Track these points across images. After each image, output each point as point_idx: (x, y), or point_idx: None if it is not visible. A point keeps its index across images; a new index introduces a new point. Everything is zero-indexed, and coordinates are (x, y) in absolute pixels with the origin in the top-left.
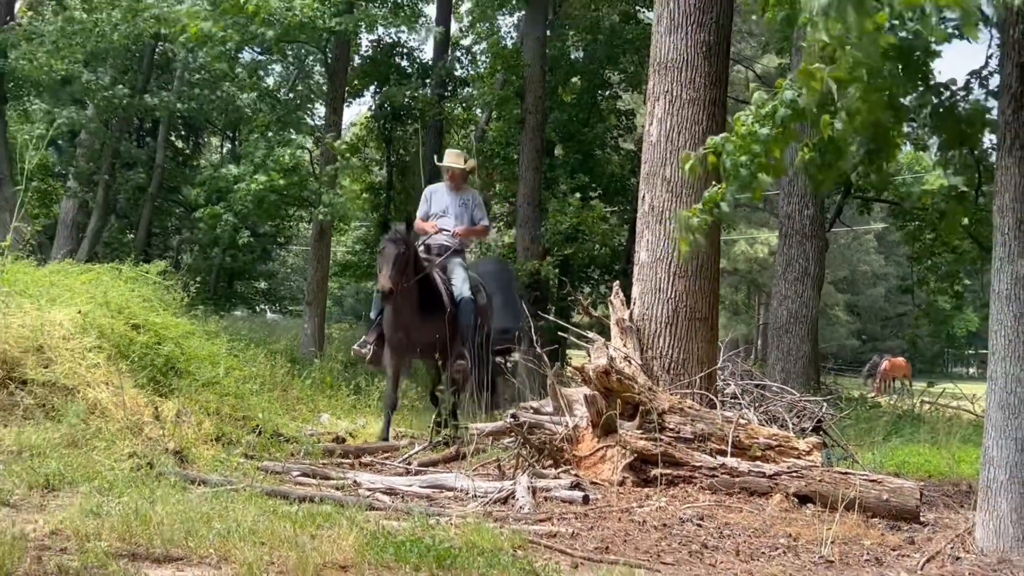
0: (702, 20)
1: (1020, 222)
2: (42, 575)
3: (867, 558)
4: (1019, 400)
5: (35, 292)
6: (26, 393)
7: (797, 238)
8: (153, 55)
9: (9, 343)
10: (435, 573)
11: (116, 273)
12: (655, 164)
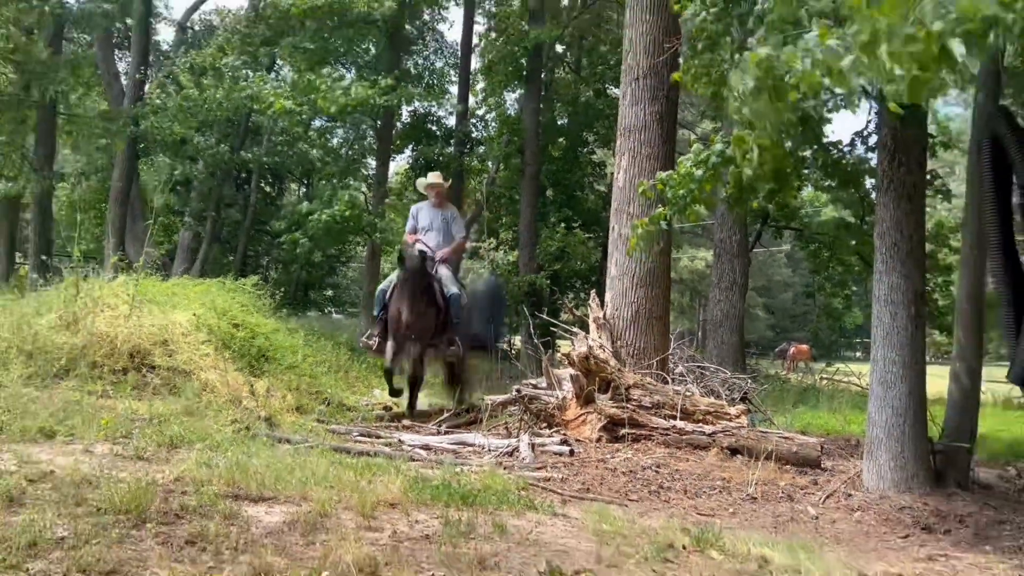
0: (656, 96)
1: (894, 244)
2: (168, 511)
3: (781, 495)
4: (893, 377)
5: (161, 300)
6: (155, 375)
7: (727, 256)
8: (247, 122)
9: (142, 338)
10: (460, 508)
11: (221, 285)
12: (621, 203)
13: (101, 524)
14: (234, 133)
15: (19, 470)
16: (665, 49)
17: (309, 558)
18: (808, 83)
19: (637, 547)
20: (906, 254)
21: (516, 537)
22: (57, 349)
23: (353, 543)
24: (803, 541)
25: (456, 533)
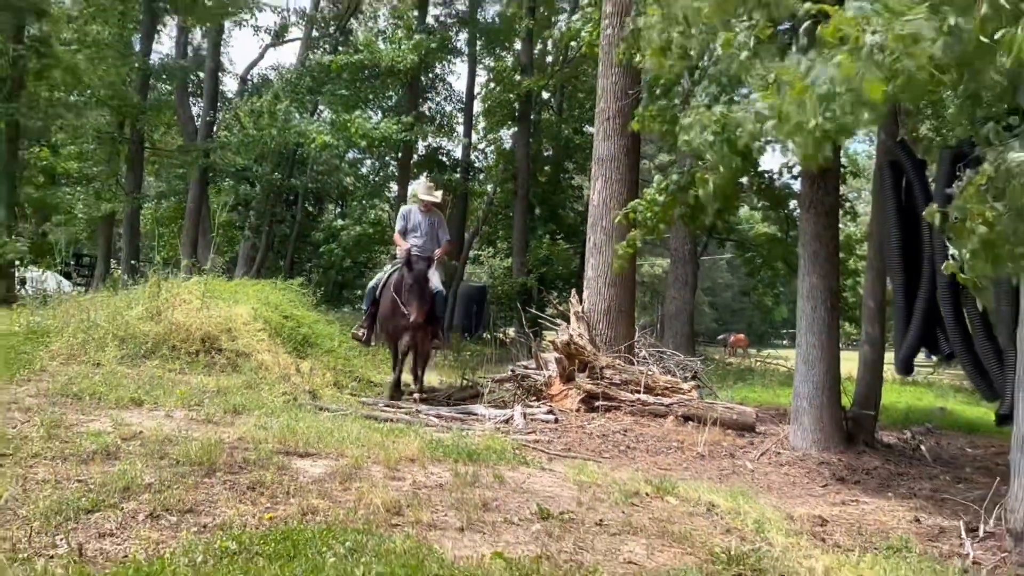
0: (623, 133)
1: (814, 252)
2: (233, 463)
3: (724, 453)
4: (814, 358)
5: (225, 297)
6: (221, 356)
7: (680, 263)
8: (295, 154)
9: (211, 326)
10: (467, 463)
11: (273, 285)
12: (596, 218)
13: (180, 473)
14: (284, 163)
15: (115, 431)
16: (629, 95)
17: (346, 501)
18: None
19: (609, 494)
20: (824, 260)
21: (512, 486)
22: (144, 335)
23: (381, 489)
24: (742, 489)
25: (464, 483)
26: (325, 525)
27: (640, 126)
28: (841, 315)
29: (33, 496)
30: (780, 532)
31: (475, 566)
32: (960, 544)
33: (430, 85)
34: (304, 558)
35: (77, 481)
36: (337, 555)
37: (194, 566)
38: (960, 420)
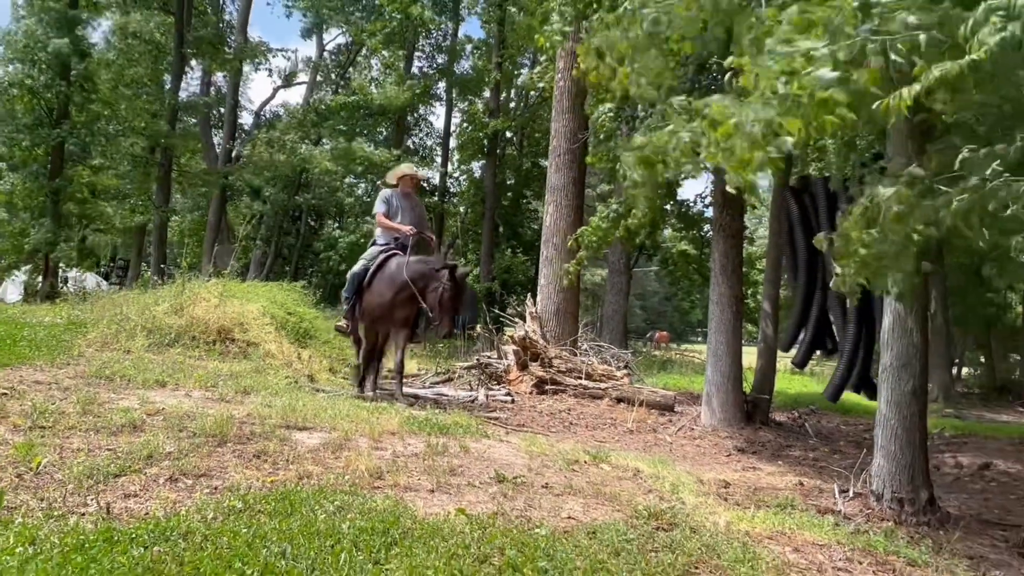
0: (572, 167)
1: (723, 266)
2: (242, 435)
3: (649, 429)
4: (721, 351)
5: (240, 295)
6: (234, 346)
7: (617, 273)
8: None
9: (226, 320)
10: (438, 436)
11: (279, 287)
12: (548, 236)
13: (196, 443)
14: (292, 184)
15: (141, 407)
16: (578, 138)
17: (336, 467)
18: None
19: (554, 461)
20: (730, 273)
21: (475, 455)
22: (168, 327)
23: (366, 458)
24: (662, 458)
25: (435, 452)
26: (318, 487)
27: (593, 161)
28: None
29: (68, 463)
30: (692, 493)
31: (442, 521)
32: (834, 502)
33: (414, 123)
34: (300, 515)
35: (107, 450)
36: (327, 512)
37: (205, 522)
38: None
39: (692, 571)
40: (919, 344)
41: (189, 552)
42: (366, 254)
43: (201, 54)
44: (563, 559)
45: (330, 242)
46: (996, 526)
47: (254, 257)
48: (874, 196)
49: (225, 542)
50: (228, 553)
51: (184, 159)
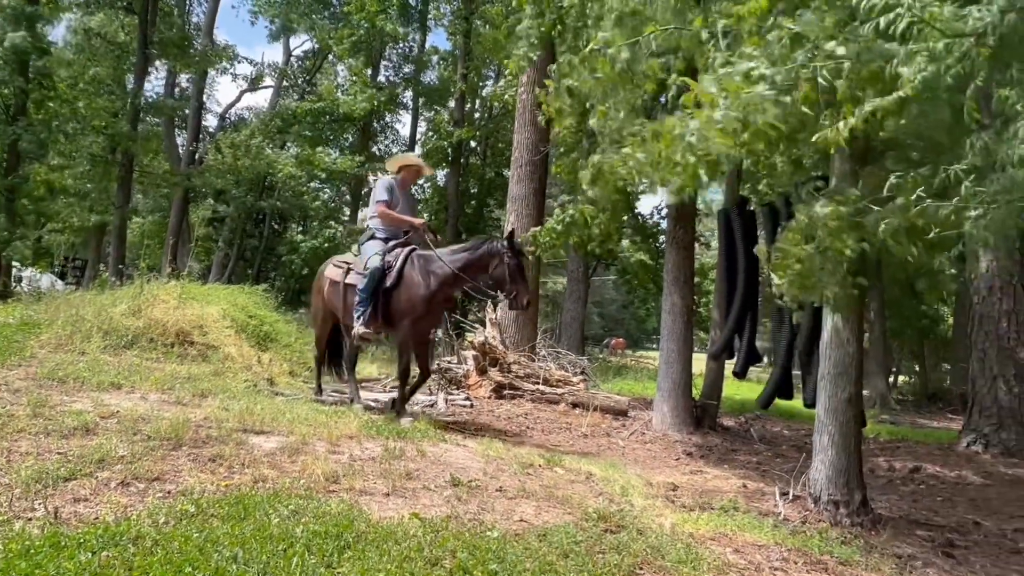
0: (533, 178)
1: (675, 277)
2: (198, 438)
3: (603, 433)
4: (673, 359)
5: (199, 298)
6: (192, 348)
7: (576, 281)
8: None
9: (185, 323)
10: (396, 440)
11: (241, 290)
12: None
13: (150, 447)
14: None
15: (94, 410)
16: (540, 150)
17: (292, 471)
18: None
19: (509, 465)
20: (682, 284)
21: (432, 459)
22: (125, 329)
23: (323, 462)
24: (614, 461)
25: (392, 456)
26: (273, 491)
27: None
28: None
29: (16, 466)
30: (641, 495)
31: (396, 524)
32: (775, 505)
33: (380, 130)
34: (253, 519)
35: (57, 453)
36: (281, 516)
37: (157, 526)
38: (781, 409)
39: (637, 572)
40: (855, 354)
41: (139, 557)
42: (371, 248)
43: (166, 55)
44: (513, 561)
45: (293, 246)
46: (923, 526)
47: (216, 259)
48: (811, 213)
49: (176, 547)
50: (179, 558)
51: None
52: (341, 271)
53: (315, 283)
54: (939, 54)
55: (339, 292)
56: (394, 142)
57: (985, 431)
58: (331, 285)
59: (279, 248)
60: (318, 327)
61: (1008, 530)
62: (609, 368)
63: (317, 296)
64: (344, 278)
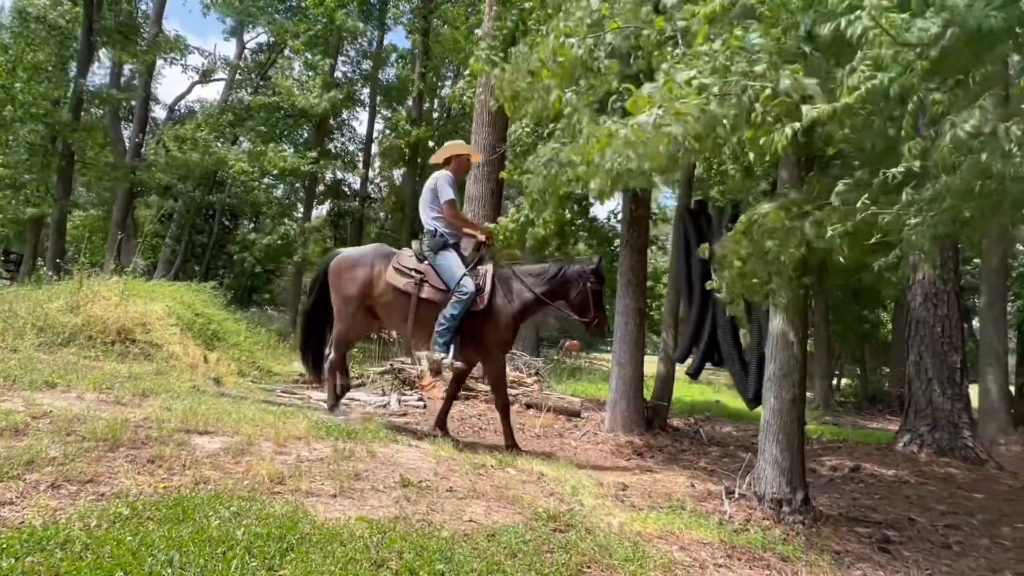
0: (490, 179)
1: (628, 280)
2: (136, 439)
3: (555, 433)
4: (625, 361)
5: (143, 295)
6: (135, 347)
7: None
8: (215, 176)
9: (127, 320)
10: (346, 441)
11: (188, 287)
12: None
13: (84, 448)
14: (205, 183)
15: (25, 410)
16: (497, 151)
17: (236, 472)
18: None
19: (461, 466)
20: (635, 287)
21: (382, 459)
22: (62, 326)
23: (268, 462)
24: (567, 461)
25: (341, 457)
26: (214, 493)
27: (508, 176)
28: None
29: None
30: (591, 495)
31: (342, 526)
32: (721, 504)
33: (337, 127)
34: (192, 521)
35: None
36: (222, 518)
37: (87, 530)
38: (730, 410)
39: (584, 570)
40: (799, 356)
41: (67, 562)
42: (453, 262)
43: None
44: (460, 561)
45: (245, 243)
46: (861, 523)
47: (163, 256)
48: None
49: (108, 551)
50: (110, 563)
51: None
52: (410, 281)
53: (346, 274)
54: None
55: (404, 304)
56: (351, 139)
57: (920, 431)
58: (394, 292)
59: (230, 245)
60: (344, 328)
61: (940, 526)
62: (563, 370)
63: (352, 293)
64: (417, 290)
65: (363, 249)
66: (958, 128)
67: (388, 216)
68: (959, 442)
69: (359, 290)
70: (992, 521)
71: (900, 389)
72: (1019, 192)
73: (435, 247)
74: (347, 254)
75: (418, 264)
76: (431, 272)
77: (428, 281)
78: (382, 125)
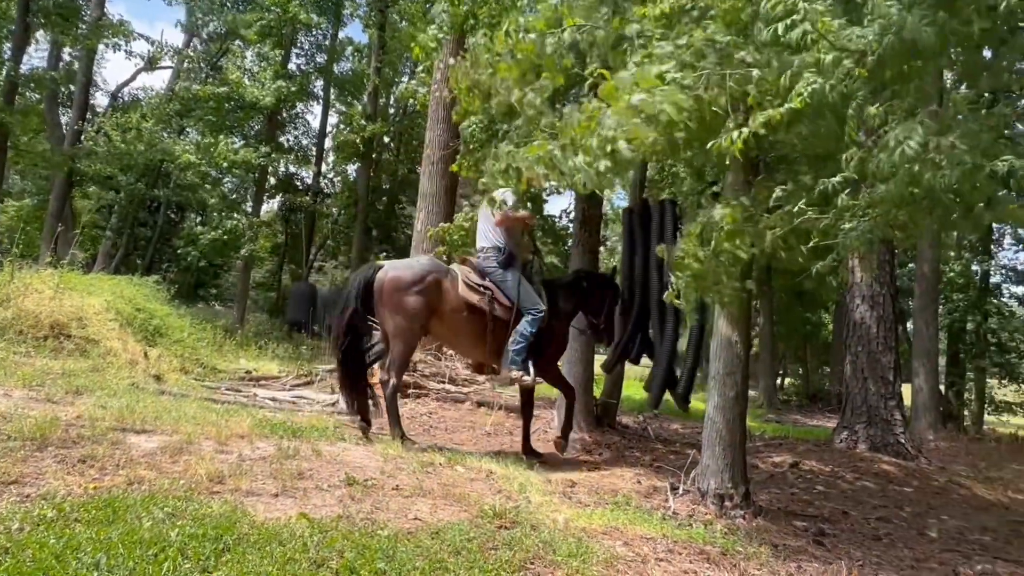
0: (444, 175)
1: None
2: (67, 439)
3: (506, 431)
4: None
5: (80, 289)
6: (70, 342)
7: None
8: (160, 168)
9: (62, 314)
10: (291, 439)
11: (129, 281)
12: (418, 242)
13: (9, 447)
14: (150, 175)
15: None
16: (451, 146)
17: (173, 471)
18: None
19: (409, 464)
20: None
21: (327, 458)
22: None
23: (208, 462)
24: (516, 460)
25: (285, 456)
26: (149, 493)
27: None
28: None
29: None
30: (538, 492)
31: (282, 526)
32: (666, 500)
33: (289, 120)
34: (123, 523)
35: None
36: (155, 519)
37: (8, 533)
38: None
39: (528, 566)
40: (742, 355)
41: None
42: (517, 277)
43: (49, 25)
44: (403, 559)
45: (191, 237)
46: (800, 517)
47: (103, 248)
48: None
49: (29, 555)
50: (31, 567)
51: (25, 138)
52: (483, 297)
53: (410, 290)
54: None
55: (475, 321)
56: (304, 133)
57: (856, 428)
58: (467, 309)
59: (175, 239)
60: (409, 348)
61: (872, 519)
62: None
63: (419, 310)
64: (491, 308)
65: (416, 263)
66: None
67: (341, 212)
68: (892, 438)
69: (427, 306)
70: (920, 514)
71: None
72: (949, 201)
73: (504, 264)
74: (401, 270)
75: (483, 280)
76: (496, 289)
77: (496, 299)
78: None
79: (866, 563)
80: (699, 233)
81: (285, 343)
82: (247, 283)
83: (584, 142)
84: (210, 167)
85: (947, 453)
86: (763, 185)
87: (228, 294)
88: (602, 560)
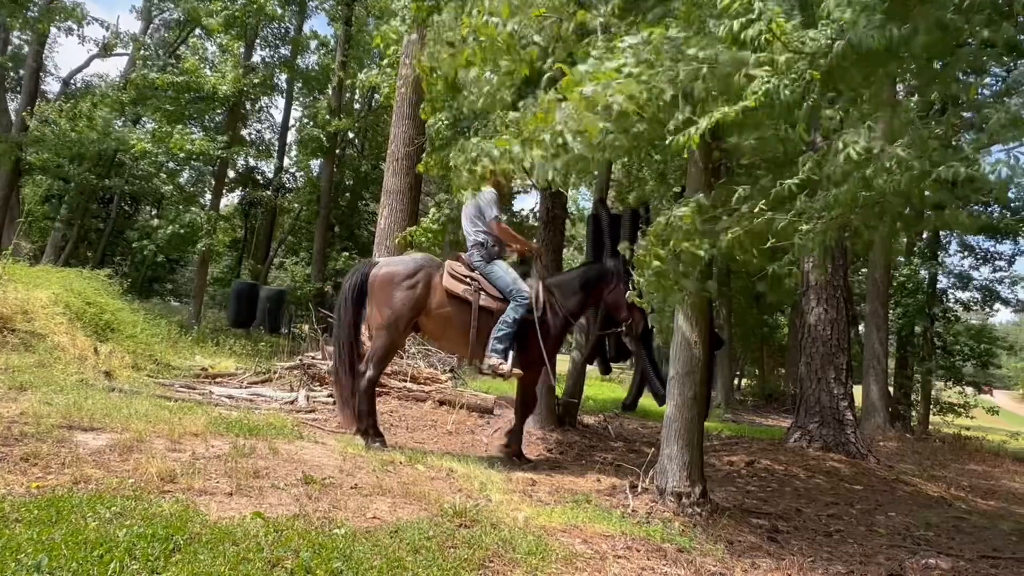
0: (408, 172)
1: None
2: (9, 436)
3: (467, 431)
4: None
5: (25, 281)
6: (14, 336)
7: None
8: (114, 157)
9: (5, 307)
10: (247, 437)
11: (79, 274)
12: (382, 239)
13: None
14: (103, 165)
15: None
16: (415, 143)
17: (122, 470)
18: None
19: (368, 462)
20: None
21: (285, 456)
22: None
23: (159, 460)
24: (477, 458)
25: (240, 454)
26: (96, 493)
27: (424, 169)
28: None
29: None
30: (499, 491)
31: (236, 525)
32: (625, 498)
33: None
34: (67, 523)
35: None
36: (101, 519)
37: None
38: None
39: (487, 564)
40: (701, 356)
41: None
42: (506, 271)
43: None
44: (360, 558)
45: (147, 231)
46: (754, 514)
47: (52, 240)
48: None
49: None
50: None
51: None
52: (468, 288)
53: (400, 285)
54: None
55: (464, 312)
56: (269, 127)
57: (809, 428)
58: (451, 300)
59: (129, 232)
60: (392, 343)
61: (824, 516)
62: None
63: (407, 305)
64: (477, 298)
65: (409, 259)
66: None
67: (303, 207)
68: (844, 438)
69: (415, 301)
70: (869, 510)
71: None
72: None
73: (487, 257)
74: (394, 266)
75: (470, 272)
76: (484, 281)
77: (484, 289)
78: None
79: (817, 559)
80: (659, 232)
81: (243, 340)
82: (204, 278)
83: (538, 136)
84: (166, 157)
85: (895, 452)
86: (724, 188)
87: (184, 289)
88: (561, 558)
